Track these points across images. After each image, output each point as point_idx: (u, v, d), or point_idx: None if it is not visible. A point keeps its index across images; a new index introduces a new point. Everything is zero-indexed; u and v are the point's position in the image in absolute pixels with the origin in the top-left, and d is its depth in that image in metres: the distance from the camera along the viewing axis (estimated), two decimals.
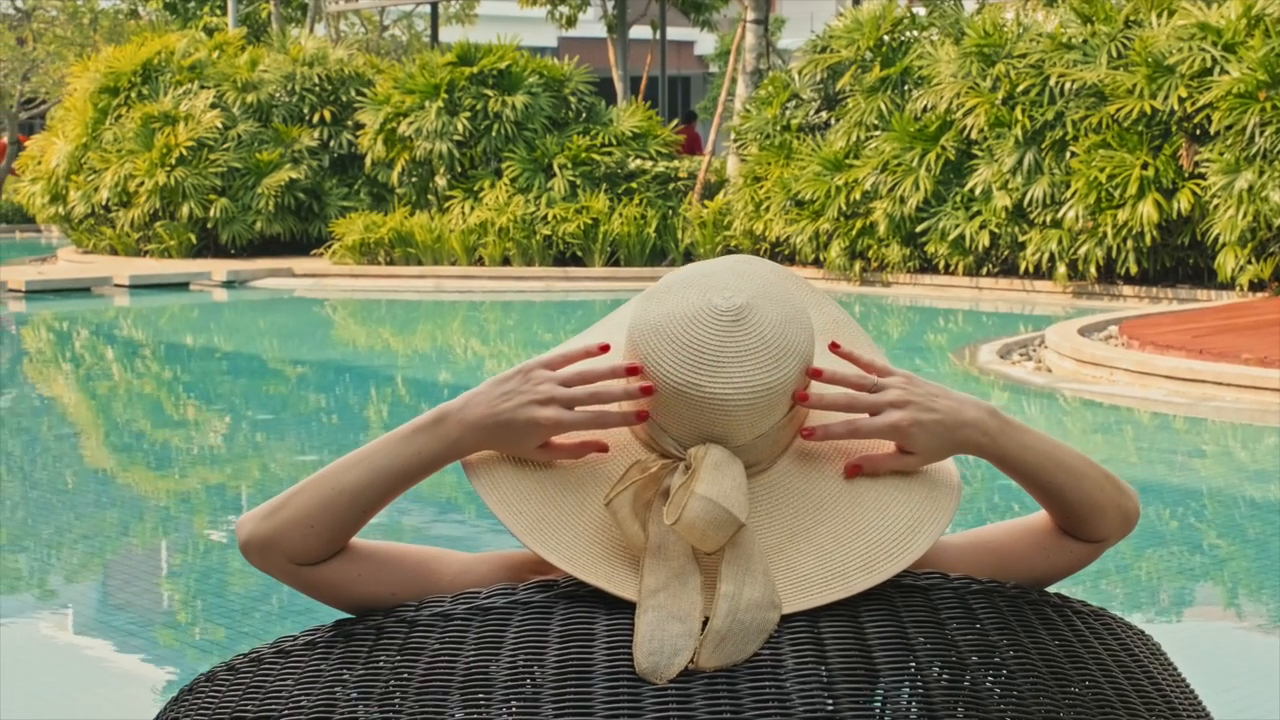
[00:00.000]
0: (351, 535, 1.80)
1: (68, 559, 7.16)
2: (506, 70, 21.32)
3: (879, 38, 19.02)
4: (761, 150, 19.55)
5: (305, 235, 22.05)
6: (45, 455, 9.84)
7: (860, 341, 1.94)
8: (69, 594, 6.59)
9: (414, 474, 1.78)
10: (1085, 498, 1.84)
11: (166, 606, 6.48)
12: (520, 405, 1.75)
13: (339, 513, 1.77)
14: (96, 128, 22.35)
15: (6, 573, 6.95)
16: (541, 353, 1.83)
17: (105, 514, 8.05)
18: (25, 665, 5.52)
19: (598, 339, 1.88)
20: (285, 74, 22.65)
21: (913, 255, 17.95)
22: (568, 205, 20.09)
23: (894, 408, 1.78)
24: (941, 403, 1.80)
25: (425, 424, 1.77)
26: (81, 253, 23.00)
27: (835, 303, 1.98)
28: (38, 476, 9.14)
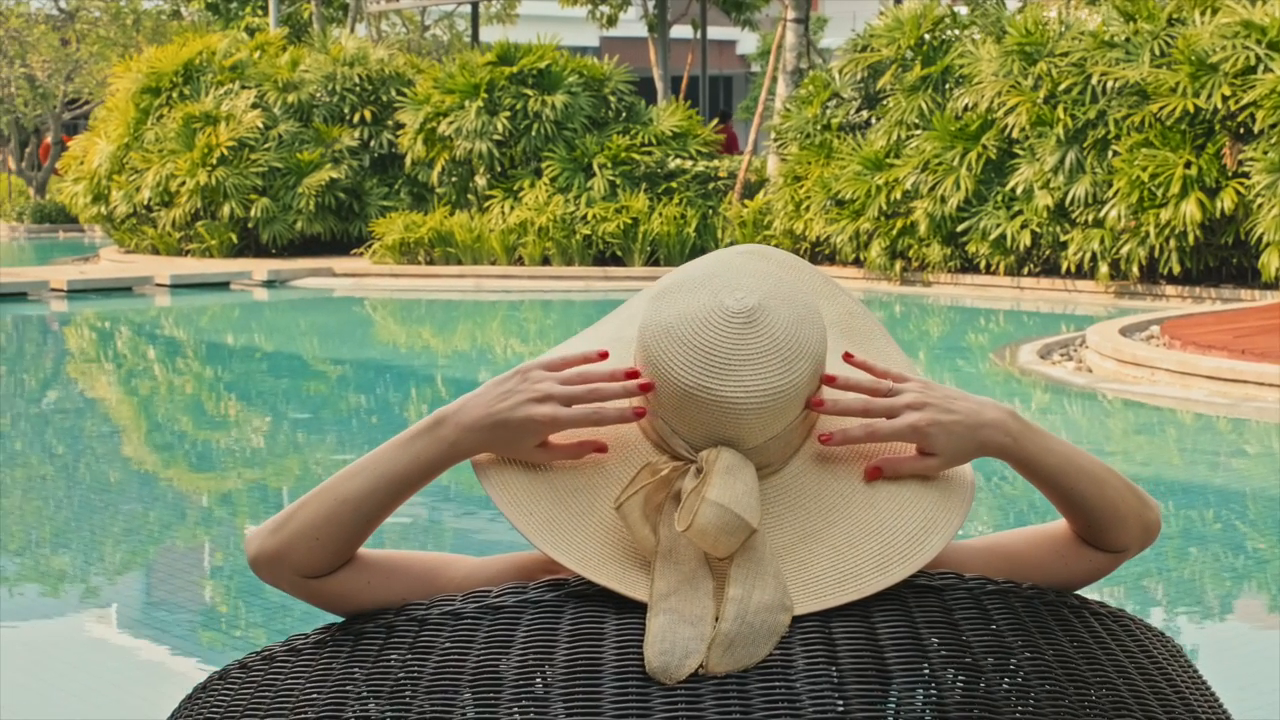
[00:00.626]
0: (358, 545, 1.79)
1: (109, 557, 7.18)
2: (546, 70, 21.33)
3: (920, 36, 18.96)
4: (802, 149, 19.50)
5: (346, 235, 22.10)
6: (86, 453, 9.88)
7: (874, 334, 1.92)
8: (110, 592, 6.60)
9: (415, 479, 1.77)
10: (1107, 505, 1.81)
11: (207, 604, 6.50)
12: (517, 404, 1.74)
13: (343, 523, 1.76)
14: (138, 128, 22.44)
15: (49, 571, 6.98)
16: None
17: (146, 512, 8.07)
18: (66, 663, 5.54)
19: (602, 339, 1.87)
20: (326, 74, 22.70)
21: (954, 255, 17.88)
22: (607, 205, 20.07)
23: (911, 410, 1.76)
24: (960, 404, 1.78)
25: (423, 428, 1.77)
26: (123, 252, 23.10)
27: (849, 293, 1.96)
28: (79, 475, 9.17)
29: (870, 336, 1.92)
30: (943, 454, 1.77)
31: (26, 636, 5.94)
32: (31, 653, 5.72)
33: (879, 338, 1.93)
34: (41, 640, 5.87)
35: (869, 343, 1.92)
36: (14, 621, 6.11)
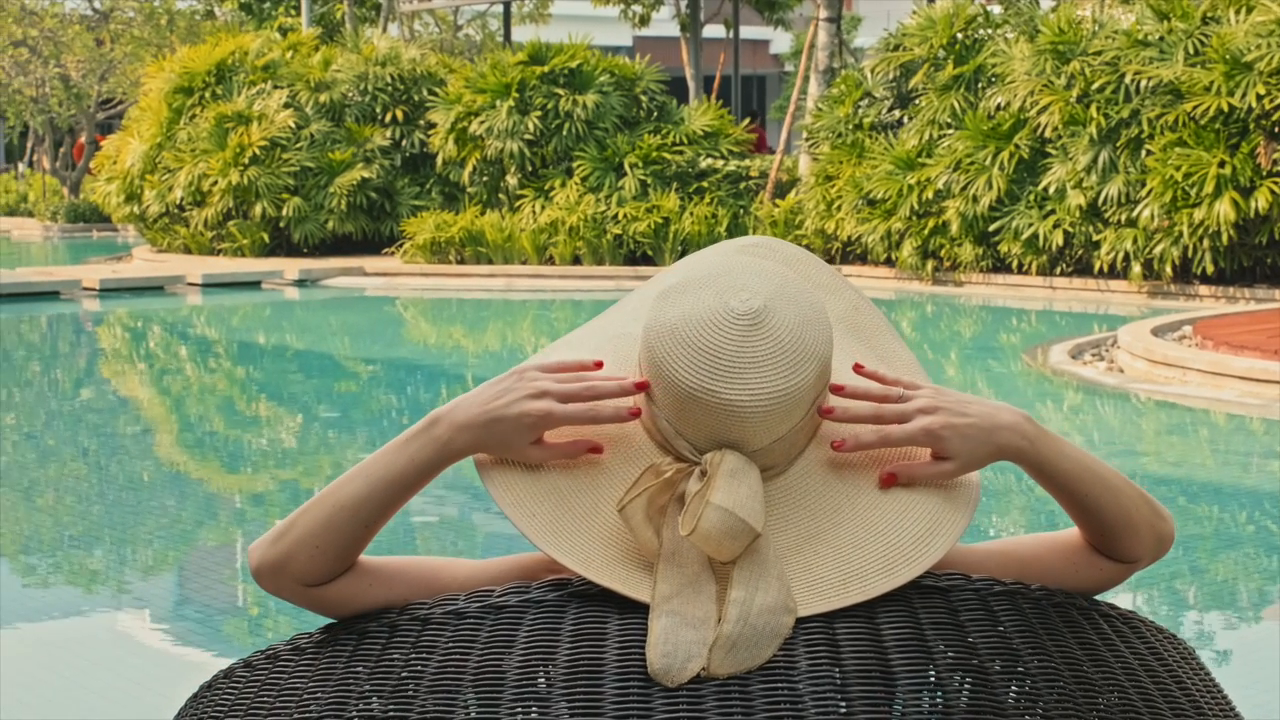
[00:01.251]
0: (358, 552, 1.79)
1: (138, 555, 7.19)
2: (577, 69, 21.33)
3: (952, 35, 18.90)
4: (834, 149, 19.46)
5: (377, 234, 22.13)
6: (116, 451, 9.90)
7: (880, 330, 1.91)
8: (139, 590, 6.61)
9: (411, 481, 1.76)
10: (1121, 514, 1.79)
11: (235, 603, 6.50)
12: (512, 401, 1.73)
13: (342, 529, 1.75)
14: (171, 127, 22.51)
15: (81, 569, 6.99)
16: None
17: (178, 511, 8.08)
18: (90, 660, 5.54)
19: (608, 333, 1.86)
20: (358, 74, 22.74)
21: (986, 255, 17.81)
22: (638, 204, 20.06)
23: (924, 414, 1.74)
24: (974, 407, 1.76)
25: (418, 430, 1.76)
26: (156, 251, 23.17)
27: (855, 288, 1.95)
28: (112, 473, 9.19)
29: (877, 332, 1.91)
30: (958, 457, 1.75)
31: (52, 634, 5.95)
32: (56, 650, 5.72)
33: (885, 333, 1.91)
34: (66, 638, 5.88)
35: (875, 339, 1.90)
36: (42, 618, 6.12)
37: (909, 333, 15.75)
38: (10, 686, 5.25)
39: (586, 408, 1.73)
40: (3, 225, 35.44)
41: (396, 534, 7.20)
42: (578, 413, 1.73)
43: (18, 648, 5.76)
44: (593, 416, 1.73)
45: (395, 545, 6.97)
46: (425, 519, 7.51)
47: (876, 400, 1.75)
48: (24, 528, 7.89)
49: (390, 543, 6.92)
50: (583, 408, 1.73)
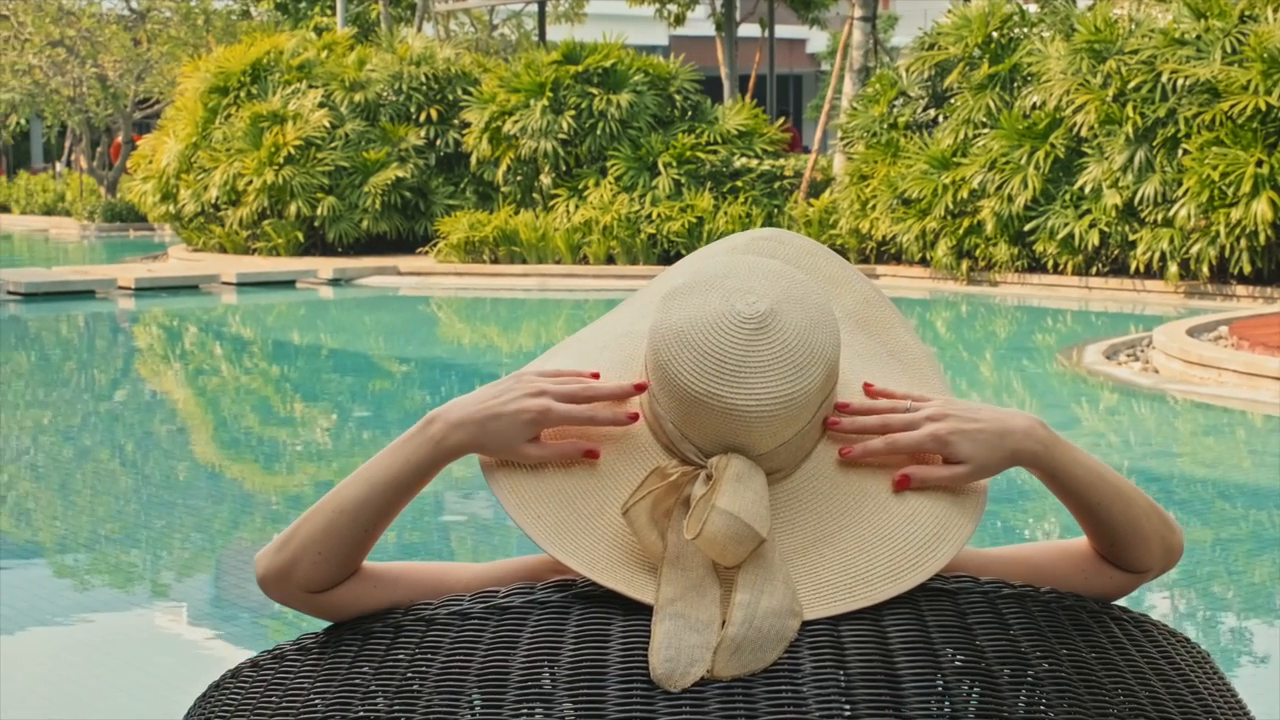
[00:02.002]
0: (361, 556, 1.78)
1: (177, 553, 7.20)
2: (611, 68, 21.31)
3: (988, 34, 18.82)
4: (868, 148, 19.40)
5: (411, 233, 22.15)
6: (152, 450, 9.92)
7: (892, 323, 1.89)
8: (176, 588, 6.62)
9: (408, 481, 1.75)
10: (1132, 523, 1.79)
11: (272, 603, 6.48)
12: (510, 399, 1.73)
13: (343, 533, 1.75)
14: (206, 127, 22.57)
15: (118, 566, 7.01)
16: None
17: (214, 509, 8.09)
18: (128, 660, 5.55)
19: (617, 331, 1.85)
20: (392, 73, 22.77)
21: (1021, 254, 17.74)
22: (672, 204, 20.04)
23: (931, 421, 1.74)
24: (984, 413, 1.75)
25: (414, 430, 1.76)
26: (191, 250, 23.24)
27: (867, 281, 1.93)
28: (145, 471, 9.21)
29: (888, 326, 1.89)
30: (970, 461, 1.74)
31: (83, 632, 5.95)
32: (85, 649, 5.73)
33: (897, 327, 1.90)
34: (96, 636, 5.89)
35: (886, 333, 1.89)
36: (73, 616, 6.13)
37: (943, 333, 15.70)
38: (40, 684, 5.26)
39: (585, 409, 1.73)
40: (40, 224, 35.62)
41: (409, 540, 7.20)
42: (576, 413, 1.73)
43: (48, 646, 5.77)
44: (590, 418, 1.73)
45: (412, 552, 6.97)
46: (446, 520, 7.50)
47: (884, 412, 1.75)
48: (58, 525, 7.91)
49: (406, 550, 6.92)
50: (581, 409, 1.73)
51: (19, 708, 5.08)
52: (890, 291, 18.30)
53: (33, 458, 9.67)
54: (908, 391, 1.79)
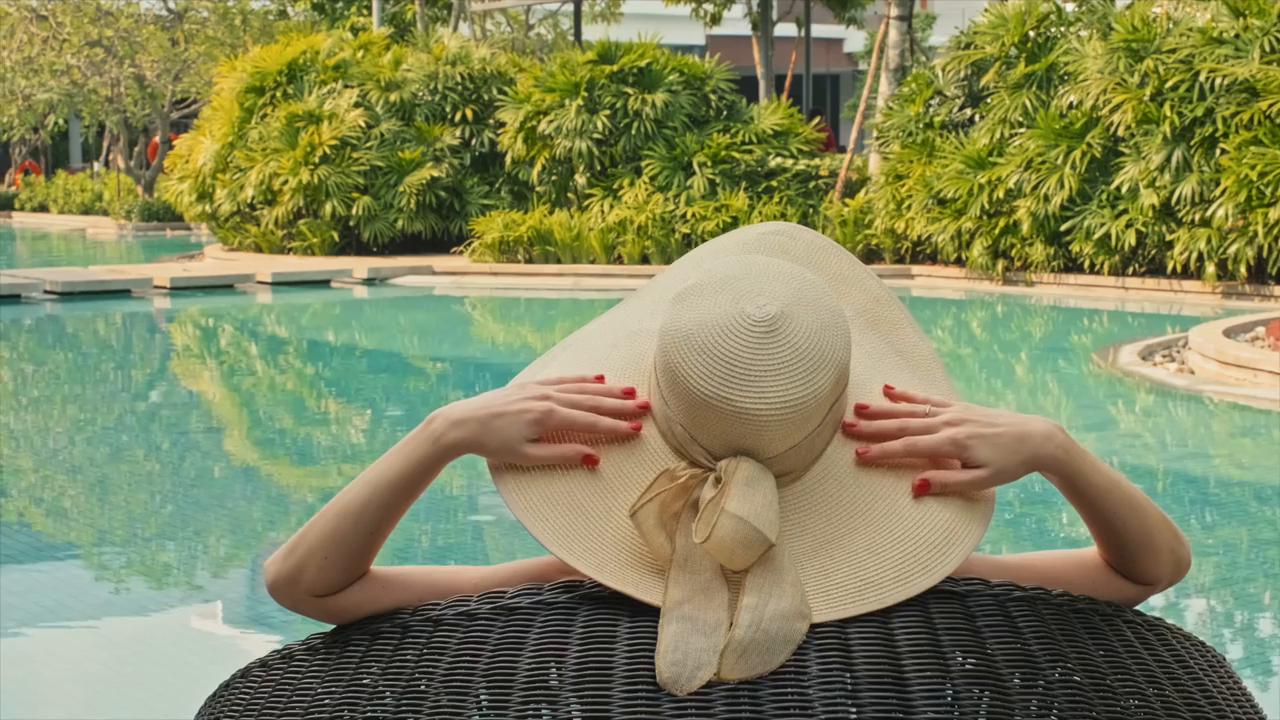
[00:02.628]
0: (366, 559, 1.78)
1: (213, 552, 7.20)
2: (647, 68, 21.30)
3: (1024, 33, 18.75)
4: (904, 148, 19.35)
5: (446, 233, 22.18)
6: (187, 449, 9.94)
7: (901, 322, 1.89)
8: (213, 587, 6.62)
9: (410, 481, 1.75)
10: (1144, 534, 1.78)
11: None
12: (514, 399, 1.74)
13: (347, 536, 1.75)
14: (242, 127, 22.64)
15: (154, 565, 7.02)
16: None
17: (248, 507, 8.10)
18: (172, 658, 5.55)
19: (628, 328, 1.85)
20: (428, 73, 22.79)
21: (1057, 254, 17.66)
22: (707, 204, 20.01)
23: (950, 425, 1.74)
24: (1003, 418, 1.75)
25: (415, 430, 1.76)
26: (227, 250, 23.30)
27: (877, 279, 1.92)
28: (182, 470, 9.23)
29: (896, 325, 1.89)
30: (988, 465, 1.73)
31: (114, 630, 5.97)
32: (115, 647, 5.74)
33: (905, 326, 1.89)
34: (126, 634, 5.90)
35: (895, 332, 1.89)
36: (105, 615, 6.14)
37: (978, 333, 15.64)
38: (69, 683, 5.27)
39: (587, 417, 1.73)
40: (78, 224, 35.78)
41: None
42: (578, 418, 1.72)
43: (80, 644, 5.78)
44: (591, 425, 1.73)
45: (437, 557, 6.96)
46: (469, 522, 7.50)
47: (903, 415, 1.75)
48: (91, 524, 7.93)
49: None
50: (583, 416, 1.73)
51: (50, 706, 5.10)
52: (925, 292, 18.27)
53: (68, 456, 9.70)
54: (926, 395, 1.79)
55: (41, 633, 5.88)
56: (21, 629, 5.91)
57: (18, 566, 6.92)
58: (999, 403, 11.41)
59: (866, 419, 1.75)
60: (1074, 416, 10.66)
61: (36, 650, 5.71)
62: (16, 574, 6.76)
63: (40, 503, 8.48)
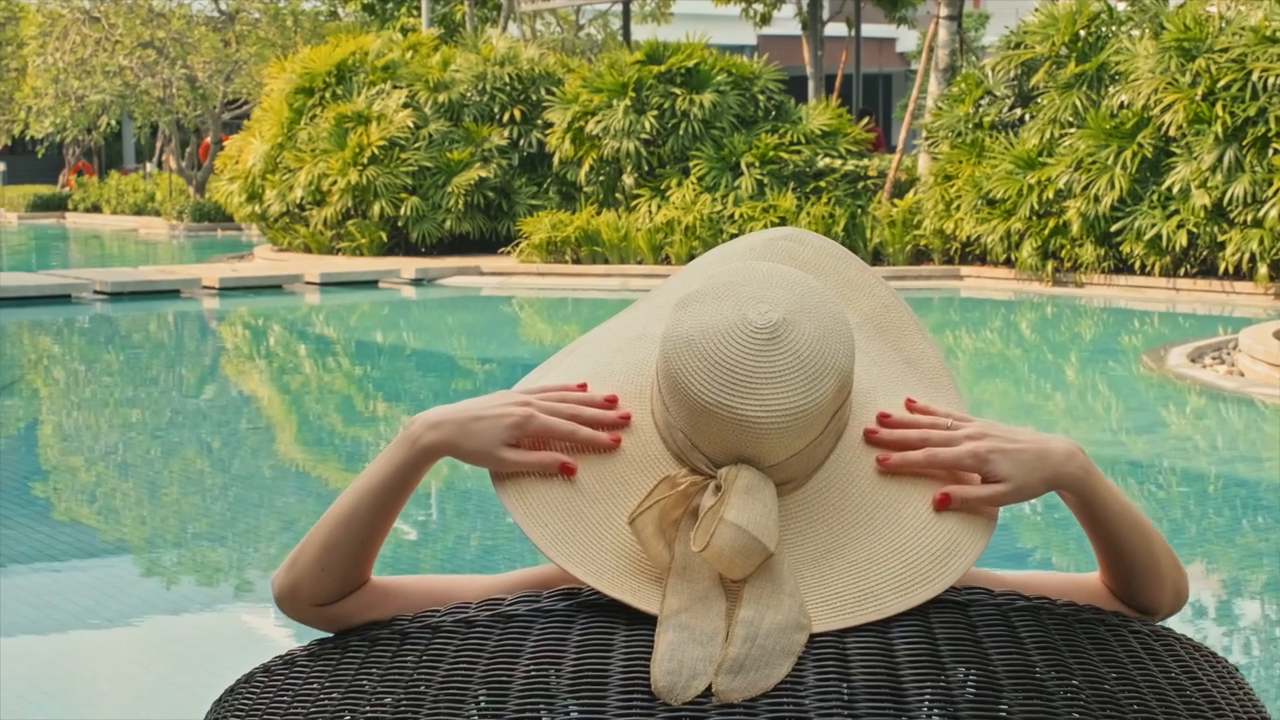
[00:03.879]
0: (362, 568, 1.79)
1: (260, 552, 7.21)
2: (694, 68, 21.27)
3: (1075, 33, 18.62)
4: (953, 148, 19.25)
5: (494, 233, 22.19)
6: (236, 449, 9.96)
7: (909, 329, 1.87)
8: (261, 588, 6.62)
9: (393, 486, 1.75)
10: (1152, 562, 1.78)
11: None
12: (494, 404, 1.74)
13: (339, 545, 1.76)
14: (291, 128, 22.71)
15: (205, 564, 7.04)
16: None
17: (299, 507, 8.09)
18: (210, 659, 5.55)
19: (629, 335, 1.83)
20: (476, 74, 22.81)
21: (1107, 255, 17.53)
22: (755, 204, 19.96)
23: (971, 439, 1.72)
24: (1024, 435, 1.74)
25: (398, 436, 1.76)
26: (277, 250, 23.39)
27: (886, 285, 1.91)
28: (232, 470, 9.25)
29: (905, 332, 1.87)
30: (1009, 480, 1.71)
31: (162, 630, 5.97)
32: (147, 647, 5.74)
33: (914, 333, 1.88)
34: (176, 635, 5.90)
35: (903, 338, 1.87)
36: (158, 614, 6.15)
37: (1027, 335, 15.54)
38: (104, 683, 5.28)
39: (566, 425, 1.72)
40: (130, 224, 35.98)
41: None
42: (557, 426, 1.72)
43: (125, 644, 5.79)
44: (570, 434, 1.72)
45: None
46: None
47: (925, 427, 1.74)
48: (140, 524, 7.95)
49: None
50: (563, 424, 1.72)
51: (87, 706, 5.10)
52: (974, 293, 18.17)
53: (112, 455, 9.74)
54: (946, 410, 1.77)
55: (90, 632, 5.90)
56: (63, 629, 5.93)
57: (61, 565, 6.94)
58: (1048, 404, 11.33)
59: (888, 428, 1.73)
60: (1123, 419, 10.58)
61: (76, 649, 5.72)
62: (59, 573, 6.79)
63: (87, 501, 8.51)
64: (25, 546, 7.24)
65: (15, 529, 7.59)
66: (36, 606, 6.20)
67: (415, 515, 7.63)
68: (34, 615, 6.08)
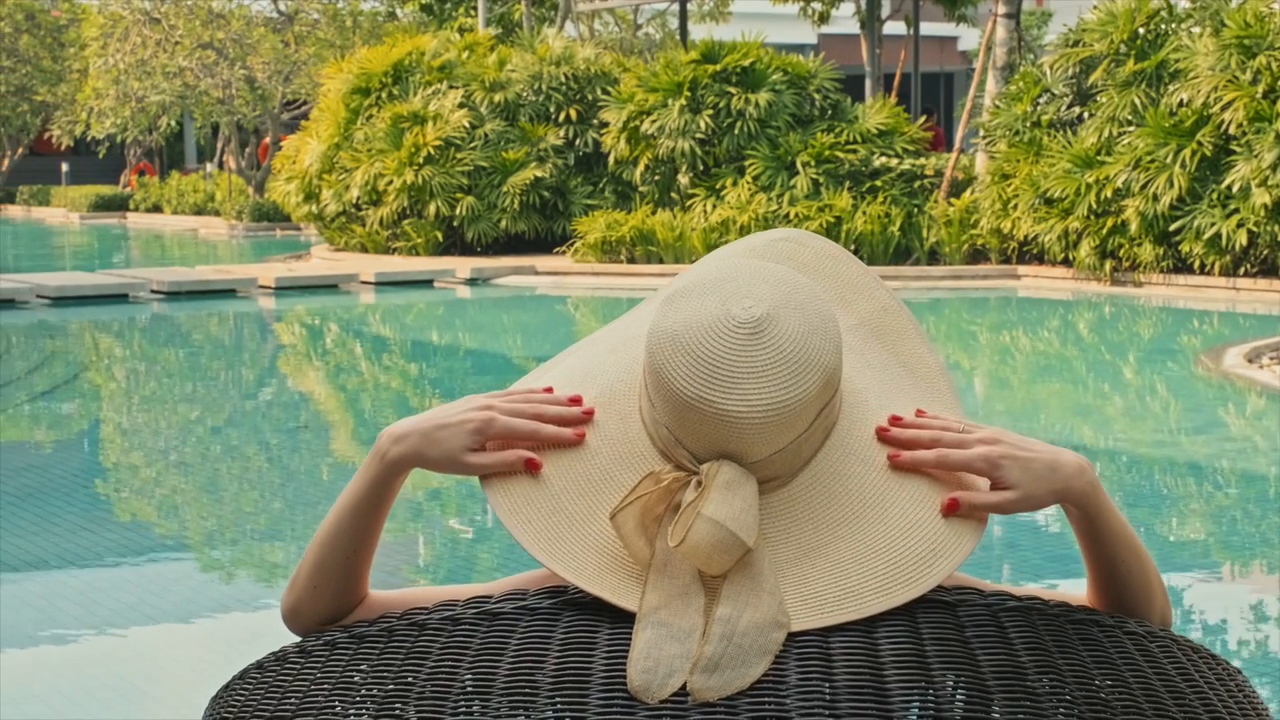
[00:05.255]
0: (355, 584, 1.82)
1: None
2: (750, 68, 21.21)
3: (1134, 30, 18.47)
4: (1011, 147, 19.13)
5: (550, 233, 22.20)
6: (288, 447, 9.98)
7: (907, 332, 1.86)
8: None
9: (367, 502, 1.77)
10: (1145, 585, 1.77)
11: None
12: (457, 411, 1.75)
13: (327, 564, 1.79)
14: (348, 128, 22.78)
15: (263, 561, 7.05)
16: None
17: None
18: (231, 656, 5.55)
19: (624, 337, 1.84)
20: (532, 73, 22.82)
21: (1166, 255, 17.38)
22: (810, 203, 19.89)
23: (984, 444, 1.70)
24: (1036, 445, 1.72)
25: (370, 452, 1.78)
26: (334, 250, 23.47)
27: (887, 289, 1.89)
28: (287, 468, 9.27)
29: (903, 336, 1.86)
30: (1018, 487, 1.69)
31: (221, 628, 5.98)
32: (195, 647, 5.74)
33: (912, 337, 1.86)
34: (208, 635, 5.90)
35: (901, 342, 1.86)
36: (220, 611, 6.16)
37: (1085, 335, 15.42)
38: (143, 681, 5.28)
39: (529, 424, 1.72)
40: (190, 224, 36.20)
41: None
42: (520, 426, 1.72)
43: (187, 641, 5.79)
44: (533, 433, 1.72)
45: None
46: None
47: (937, 430, 1.72)
48: (196, 522, 7.97)
49: None
50: (525, 424, 1.73)
51: (124, 703, 5.10)
52: (1031, 292, 18.04)
53: (167, 452, 9.77)
54: (963, 422, 1.76)
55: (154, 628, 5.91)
56: (107, 626, 5.94)
57: (116, 562, 6.96)
58: (1105, 404, 11.24)
59: (900, 428, 1.72)
60: (1180, 419, 10.47)
61: (119, 647, 5.73)
62: (110, 570, 6.81)
63: (138, 498, 8.54)
64: (71, 544, 7.26)
65: (63, 525, 7.62)
66: (80, 604, 6.22)
67: (439, 524, 7.61)
68: (77, 612, 6.10)
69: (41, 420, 11.15)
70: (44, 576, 6.67)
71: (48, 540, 7.27)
